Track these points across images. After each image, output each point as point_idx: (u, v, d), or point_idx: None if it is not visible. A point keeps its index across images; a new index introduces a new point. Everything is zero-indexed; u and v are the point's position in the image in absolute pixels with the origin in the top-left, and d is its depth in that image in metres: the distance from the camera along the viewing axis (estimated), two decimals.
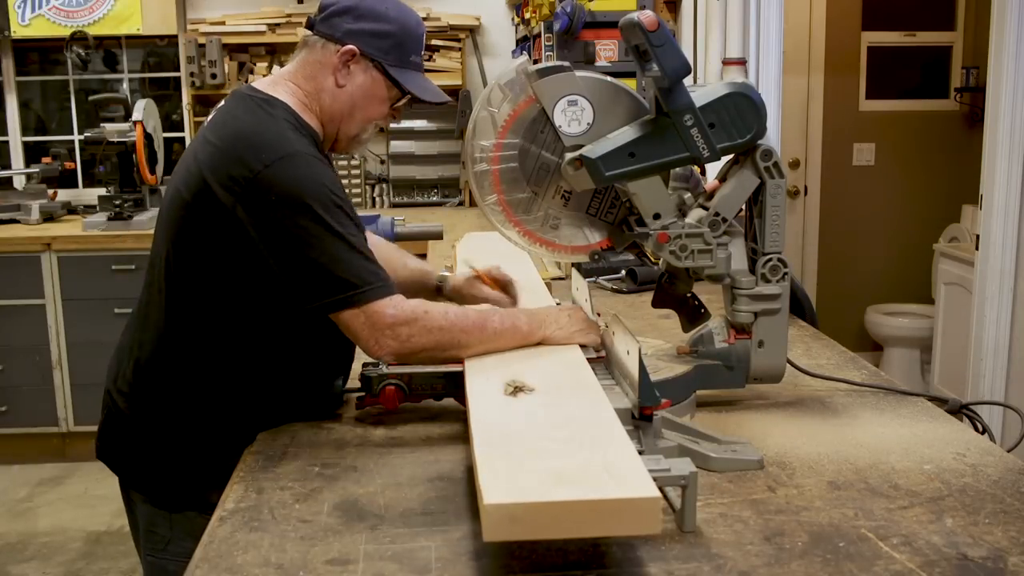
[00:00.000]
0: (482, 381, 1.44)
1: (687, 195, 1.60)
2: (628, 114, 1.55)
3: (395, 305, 1.50)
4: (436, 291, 1.92)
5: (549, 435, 1.22)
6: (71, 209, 4.78)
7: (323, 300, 1.49)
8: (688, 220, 1.59)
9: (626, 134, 1.52)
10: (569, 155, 1.54)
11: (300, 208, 1.47)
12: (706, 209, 1.60)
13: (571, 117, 1.54)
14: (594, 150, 1.51)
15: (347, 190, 5.29)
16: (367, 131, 1.69)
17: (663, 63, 1.45)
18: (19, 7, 4.73)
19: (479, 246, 2.43)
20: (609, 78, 1.56)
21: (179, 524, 1.65)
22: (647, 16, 1.44)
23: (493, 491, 1.04)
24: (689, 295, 1.70)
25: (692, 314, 1.71)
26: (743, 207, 1.62)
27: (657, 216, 1.56)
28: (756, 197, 1.60)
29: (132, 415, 1.67)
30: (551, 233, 1.63)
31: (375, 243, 2.00)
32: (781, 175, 1.58)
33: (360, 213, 2.68)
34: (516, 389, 1.38)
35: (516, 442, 1.20)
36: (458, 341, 1.53)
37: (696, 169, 1.67)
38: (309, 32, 1.65)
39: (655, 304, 1.71)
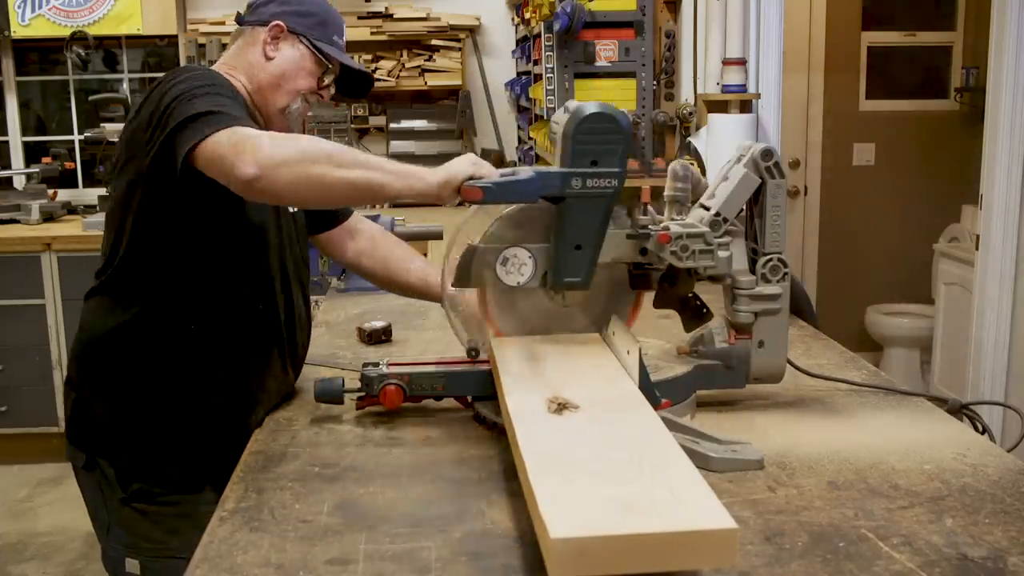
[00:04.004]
0: (522, 396, 1.37)
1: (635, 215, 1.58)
2: (545, 222, 1.53)
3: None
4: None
5: (605, 457, 1.15)
6: (71, 209, 4.78)
7: (195, 139, 1.43)
8: (689, 220, 1.59)
9: (561, 240, 1.50)
10: (551, 293, 1.58)
11: (176, 80, 1.54)
12: (707, 209, 1.60)
13: (515, 268, 1.54)
14: (558, 275, 1.52)
15: None
16: (295, 104, 1.75)
17: (517, 199, 1.48)
18: (19, 7, 4.73)
19: None
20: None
21: (114, 512, 1.72)
22: (468, 191, 1.43)
23: (559, 524, 0.96)
24: (691, 295, 1.70)
25: (694, 314, 1.71)
26: (743, 207, 1.62)
27: (642, 251, 1.57)
28: (756, 197, 1.60)
29: (70, 382, 1.77)
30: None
31: (381, 236, 2.03)
32: (782, 175, 1.58)
33: (360, 213, 2.63)
34: (560, 406, 1.32)
35: (571, 467, 1.13)
36: (326, 156, 1.42)
37: (694, 168, 1.66)
38: (239, 26, 1.79)
39: (656, 305, 1.70)
